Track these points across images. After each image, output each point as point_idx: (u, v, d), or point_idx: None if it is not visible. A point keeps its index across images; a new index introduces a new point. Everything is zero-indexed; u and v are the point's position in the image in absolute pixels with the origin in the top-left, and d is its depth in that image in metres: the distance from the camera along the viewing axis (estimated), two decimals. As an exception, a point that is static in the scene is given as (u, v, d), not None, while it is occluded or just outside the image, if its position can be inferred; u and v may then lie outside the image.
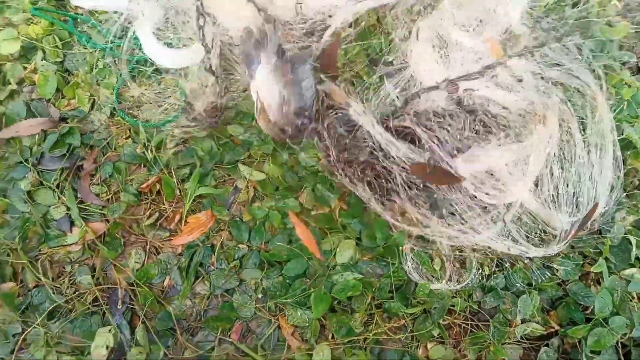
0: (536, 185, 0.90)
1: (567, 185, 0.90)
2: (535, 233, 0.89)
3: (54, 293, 0.91)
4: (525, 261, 0.89)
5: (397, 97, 0.94)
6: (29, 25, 1.08)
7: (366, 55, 1.05)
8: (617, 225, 0.90)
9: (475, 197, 0.87)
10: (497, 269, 0.89)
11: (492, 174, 0.86)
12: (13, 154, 0.99)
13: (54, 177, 0.98)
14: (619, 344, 0.83)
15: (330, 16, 0.98)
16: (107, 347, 0.87)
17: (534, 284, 0.88)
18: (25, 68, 1.05)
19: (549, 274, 0.88)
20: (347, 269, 0.90)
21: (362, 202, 0.94)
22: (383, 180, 0.87)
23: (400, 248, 0.90)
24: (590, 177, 0.90)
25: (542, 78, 0.94)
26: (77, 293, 0.92)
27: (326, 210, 0.95)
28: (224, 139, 1.00)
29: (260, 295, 0.91)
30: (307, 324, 0.88)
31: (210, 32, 0.95)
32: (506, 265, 0.89)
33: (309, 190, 0.96)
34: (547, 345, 0.85)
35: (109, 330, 0.89)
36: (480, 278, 0.88)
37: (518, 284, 0.87)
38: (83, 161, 0.99)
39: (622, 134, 0.95)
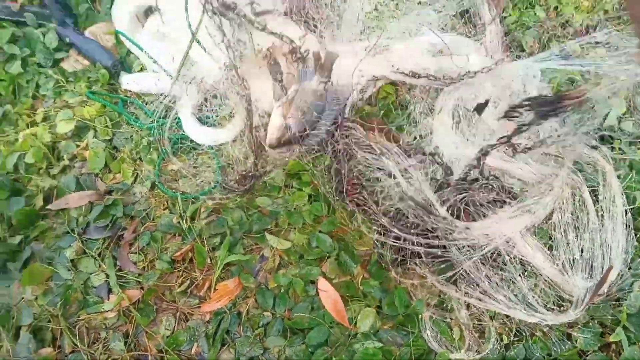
0: (550, 249, 0.94)
1: (582, 252, 0.93)
2: (553, 302, 0.91)
3: (88, 359, 0.95)
4: (545, 329, 0.90)
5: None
6: (84, 107, 1.22)
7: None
8: (635, 294, 0.91)
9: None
10: (515, 338, 0.90)
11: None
12: (61, 224, 1.09)
13: (97, 246, 1.06)
14: (644, 418, 0.82)
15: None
16: (133, 415, 0.90)
17: (553, 354, 0.88)
18: (77, 145, 1.18)
19: (569, 344, 0.89)
20: (367, 337, 0.93)
21: (383, 270, 0.99)
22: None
23: (420, 316, 0.93)
24: (603, 242, 0.94)
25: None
26: (110, 359, 0.96)
27: (348, 278, 1.00)
28: (252, 209, 1.08)
29: (283, 364, 0.93)
30: (329, 394, 0.89)
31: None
32: (525, 335, 0.90)
33: (332, 259, 1.01)
34: (572, 419, 0.85)
35: (137, 398, 0.92)
36: (499, 348, 0.89)
37: (537, 354, 0.88)
38: (124, 231, 1.08)
39: (634, 202, 0.99)
